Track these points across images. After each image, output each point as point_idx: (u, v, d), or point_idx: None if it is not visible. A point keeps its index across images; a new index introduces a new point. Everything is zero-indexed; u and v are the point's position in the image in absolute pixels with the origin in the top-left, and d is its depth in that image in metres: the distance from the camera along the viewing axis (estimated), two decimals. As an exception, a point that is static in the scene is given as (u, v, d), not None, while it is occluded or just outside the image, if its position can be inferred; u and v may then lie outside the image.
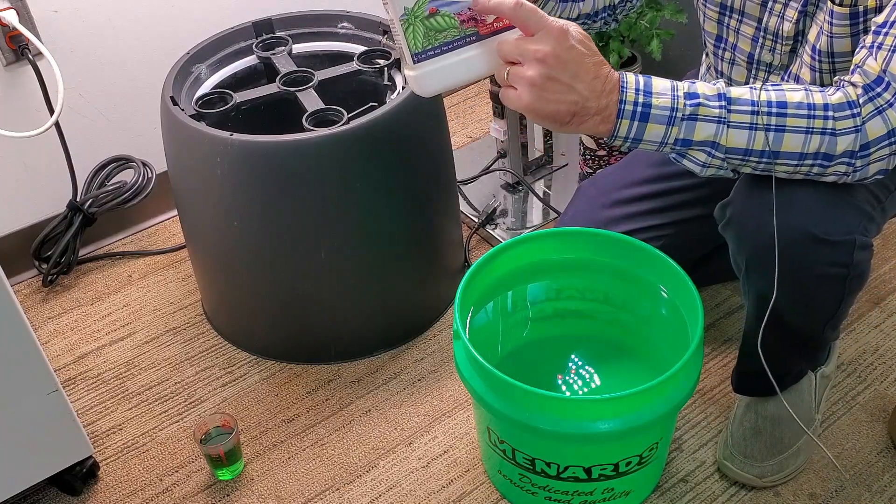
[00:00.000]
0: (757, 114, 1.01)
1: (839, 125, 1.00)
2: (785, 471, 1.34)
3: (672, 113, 1.00)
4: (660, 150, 1.03)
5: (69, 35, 1.69)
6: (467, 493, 1.38)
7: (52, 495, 1.41)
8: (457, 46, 1.00)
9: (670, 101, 1.00)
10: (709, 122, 1.01)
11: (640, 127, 1.00)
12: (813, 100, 1.01)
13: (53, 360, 1.64)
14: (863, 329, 1.58)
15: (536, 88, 0.96)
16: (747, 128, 1.01)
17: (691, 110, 1.00)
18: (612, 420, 1.14)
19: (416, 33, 0.99)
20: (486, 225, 1.85)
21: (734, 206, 1.14)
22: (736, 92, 1.02)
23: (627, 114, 1.00)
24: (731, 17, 1.25)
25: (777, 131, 1.01)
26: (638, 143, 1.02)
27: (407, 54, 1.00)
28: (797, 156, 1.02)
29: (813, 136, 1.01)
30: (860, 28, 1.07)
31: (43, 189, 1.78)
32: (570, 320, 1.44)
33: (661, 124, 1.00)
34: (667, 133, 1.01)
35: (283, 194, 1.42)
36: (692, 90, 1.01)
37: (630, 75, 1.01)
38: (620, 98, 0.99)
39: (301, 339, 1.60)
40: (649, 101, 1.00)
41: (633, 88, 1.00)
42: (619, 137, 1.01)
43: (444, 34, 0.99)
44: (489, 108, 1.99)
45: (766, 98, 1.01)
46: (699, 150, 1.02)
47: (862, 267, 1.13)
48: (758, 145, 1.01)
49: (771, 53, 1.21)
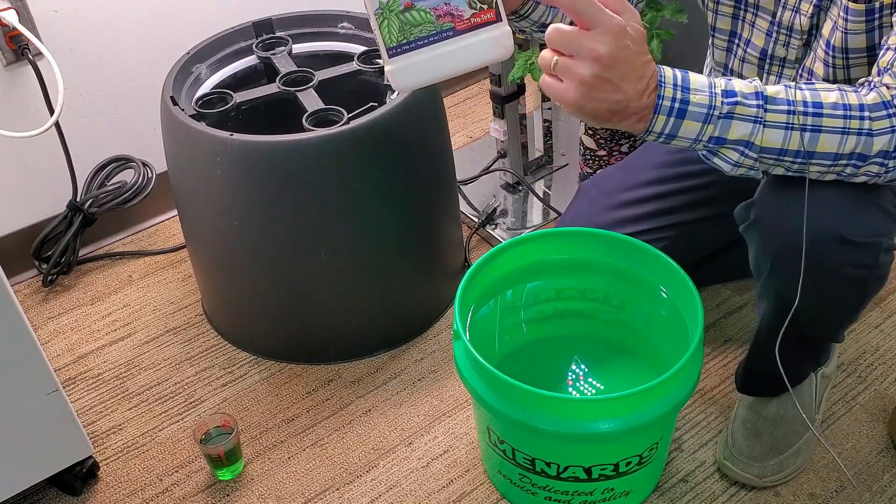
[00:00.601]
0: (793, 113, 0.99)
1: (875, 125, 0.99)
2: (785, 471, 1.34)
3: (709, 111, 0.98)
4: (691, 147, 1.02)
5: (69, 35, 1.69)
6: (467, 493, 1.38)
7: (52, 495, 1.41)
8: (432, 41, 0.99)
9: (708, 98, 0.98)
10: (745, 122, 0.99)
11: (675, 123, 0.99)
12: (848, 100, 1.00)
13: (53, 360, 1.64)
14: (863, 329, 1.58)
15: (585, 87, 0.93)
16: (783, 127, 0.99)
17: (728, 108, 0.98)
18: (612, 420, 1.14)
19: (392, 27, 0.98)
20: (486, 225, 1.85)
21: (760, 207, 1.13)
22: (772, 90, 1.00)
23: (665, 109, 0.98)
24: (746, 12, 1.24)
25: (813, 131, 0.99)
26: (672, 139, 1.00)
27: (382, 48, 0.99)
28: (832, 156, 1.01)
29: (849, 137, 0.99)
30: (875, 24, 1.07)
31: (43, 189, 1.78)
32: (570, 320, 1.44)
33: (697, 121, 0.99)
34: (702, 130, 0.99)
35: (282, 194, 1.42)
36: (730, 87, 0.99)
37: (668, 69, 0.99)
38: (658, 94, 0.97)
39: (301, 339, 1.60)
40: (687, 98, 0.98)
41: (671, 84, 0.98)
42: (653, 133, 0.99)
43: (420, 28, 0.99)
44: (489, 108, 1.99)
45: (801, 98, 1.00)
46: (732, 149, 1.01)
47: (884, 270, 1.12)
48: (793, 145, 1.00)
49: (785, 48, 1.21)
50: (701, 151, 1.03)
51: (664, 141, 1.01)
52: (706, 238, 1.46)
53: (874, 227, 1.08)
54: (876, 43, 1.09)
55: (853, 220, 1.07)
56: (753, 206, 1.14)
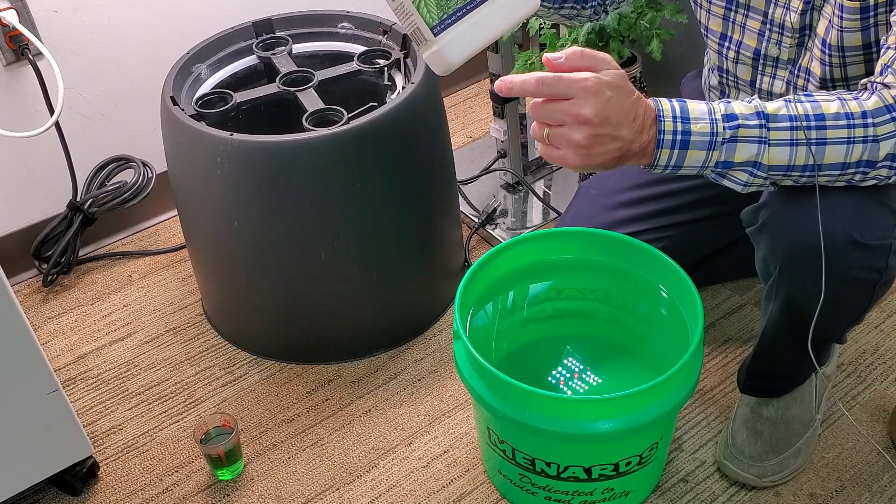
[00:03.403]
0: (797, 129, 0.99)
1: (880, 131, 0.98)
2: (785, 471, 1.34)
3: (712, 138, 0.98)
4: (699, 174, 1.02)
5: (69, 35, 1.69)
6: (467, 493, 1.38)
7: (52, 495, 1.41)
8: (470, 8, 1.02)
9: (709, 125, 0.98)
10: (750, 143, 0.99)
11: (680, 155, 0.99)
12: (850, 108, 0.99)
13: (53, 360, 1.64)
14: (863, 329, 1.58)
15: (584, 149, 0.95)
16: (788, 144, 0.99)
17: (731, 133, 0.98)
18: (612, 420, 1.14)
19: (429, 5, 1.00)
20: (486, 225, 1.85)
21: (770, 210, 1.12)
22: (772, 107, 1.00)
23: (667, 143, 0.98)
24: (736, 13, 1.24)
25: (819, 144, 0.99)
26: (678, 169, 1.00)
27: (425, 30, 1.01)
28: (840, 166, 1.01)
29: (855, 146, 0.99)
30: (870, 22, 1.07)
31: (43, 189, 1.78)
32: (570, 320, 1.44)
33: (701, 150, 0.99)
34: (707, 158, 0.99)
35: (282, 194, 1.42)
36: (729, 111, 0.99)
37: (664, 101, 0.99)
38: (659, 129, 0.98)
39: (301, 339, 1.60)
40: (688, 129, 0.98)
41: (671, 117, 0.98)
42: (658, 166, 1.00)
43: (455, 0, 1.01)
44: (489, 108, 1.99)
45: (802, 111, 0.99)
46: (740, 171, 1.01)
47: (893, 273, 1.12)
48: (800, 160, 1.00)
49: (777, 47, 1.21)
50: (709, 176, 1.03)
51: (671, 172, 1.01)
52: (706, 238, 1.46)
53: (885, 230, 1.08)
54: (872, 41, 1.09)
55: (864, 222, 1.07)
56: (763, 208, 1.13)
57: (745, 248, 1.22)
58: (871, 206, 1.07)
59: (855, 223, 1.06)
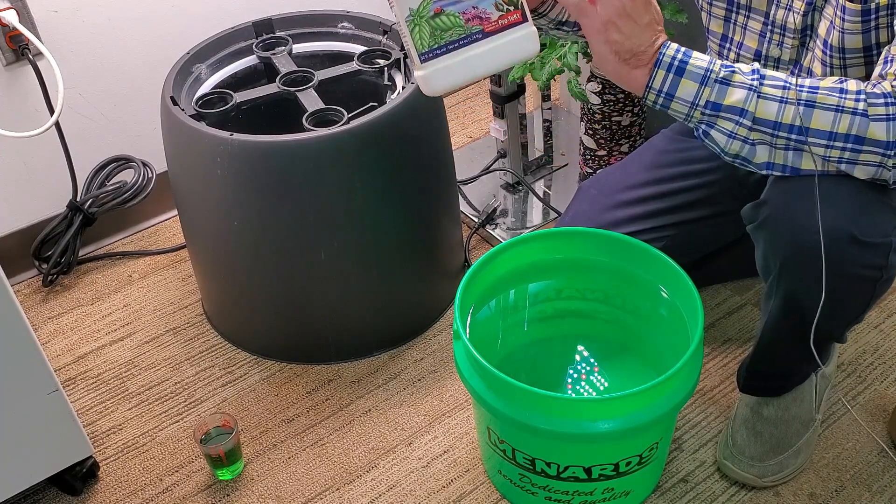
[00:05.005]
0: (788, 88, 1.04)
1: (872, 110, 1.01)
2: (785, 471, 1.34)
3: (706, 73, 1.04)
4: (689, 119, 1.07)
5: (69, 35, 1.69)
6: (467, 493, 1.38)
7: (52, 495, 1.41)
8: (463, 45, 1.02)
9: (706, 63, 1.05)
10: (740, 88, 1.04)
11: (673, 81, 1.05)
12: (846, 85, 1.03)
13: (53, 360, 1.65)
14: (863, 329, 1.58)
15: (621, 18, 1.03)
16: (777, 101, 1.03)
17: (725, 74, 1.04)
18: (612, 420, 1.14)
19: (423, 33, 1.00)
20: (486, 225, 1.85)
21: (770, 207, 1.13)
22: (770, 72, 1.05)
23: (664, 65, 1.05)
24: (738, 14, 1.24)
25: (807, 106, 1.03)
26: (670, 99, 1.06)
27: (414, 54, 1.01)
28: (827, 135, 1.03)
29: (843, 115, 1.02)
30: (871, 26, 1.08)
31: (43, 189, 1.79)
32: (570, 320, 1.44)
33: (694, 81, 1.04)
34: (699, 93, 1.05)
35: (283, 194, 1.42)
36: (728, 63, 1.06)
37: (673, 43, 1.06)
38: (660, 52, 1.05)
39: (301, 339, 1.60)
40: (686, 59, 1.05)
41: (675, 47, 1.06)
42: (652, 90, 1.06)
43: (450, 33, 1.01)
44: (489, 108, 1.99)
45: (799, 81, 1.04)
46: (727, 119, 1.05)
47: (893, 271, 1.12)
48: (787, 118, 1.03)
49: (779, 48, 1.21)
50: (700, 126, 1.06)
51: (662, 103, 1.06)
52: (706, 237, 1.46)
53: (885, 227, 1.09)
54: (873, 44, 1.10)
55: (865, 220, 1.07)
56: (763, 205, 1.14)
57: (746, 247, 1.22)
58: (872, 204, 1.08)
59: (856, 221, 1.06)
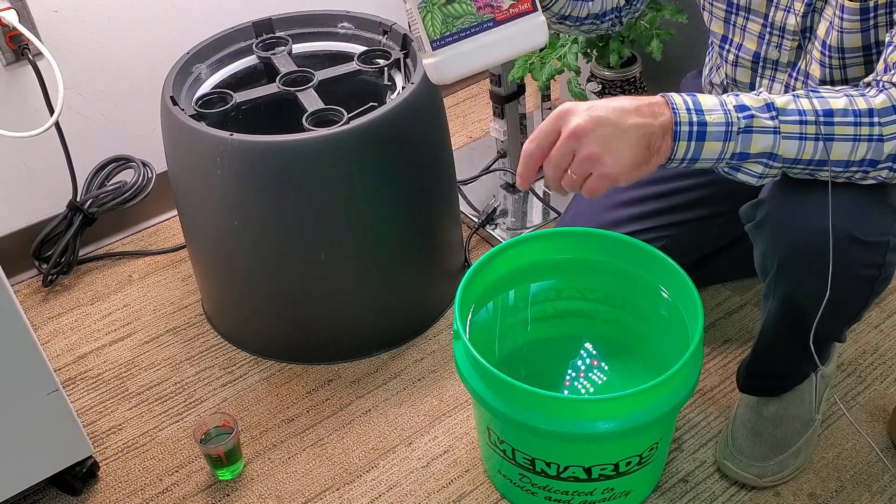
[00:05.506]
0: (805, 123, 0.99)
1: (886, 130, 0.99)
2: (785, 471, 1.34)
3: (728, 128, 0.98)
4: (714, 167, 1.02)
5: (69, 35, 1.69)
6: (467, 493, 1.38)
7: (52, 495, 1.41)
8: (474, 32, 1.03)
9: (723, 115, 0.98)
10: (765, 134, 0.99)
11: (697, 147, 0.99)
12: (857, 105, 0.99)
13: (53, 360, 1.64)
14: (863, 329, 1.58)
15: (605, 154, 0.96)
16: (797, 138, 0.99)
17: (746, 123, 0.99)
18: (612, 420, 1.14)
19: (435, 20, 1.01)
20: (486, 225, 1.85)
21: (769, 206, 1.12)
22: (780, 101, 1.00)
23: (684, 135, 0.98)
24: (737, 16, 1.24)
25: (826, 140, 0.99)
26: (695, 162, 1.00)
27: (425, 41, 1.01)
28: (844, 163, 1.01)
29: (860, 144, 0.99)
30: (870, 24, 1.07)
31: (43, 189, 1.78)
32: (570, 320, 1.44)
33: (717, 141, 0.99)
34: (724, 149, 0.99)
35: (283, 194, 1.42)
36: (740, 102, 1.00)
37: (675, 95, 1.00)
38: (674, 120, 0.98)
39: (301, 339, 1.60)
40: (703, 119, 0.98)
41: (685, 108, 0.98)
42: (675, 160, 1.00)
43: (462, 20, 1.01)
44: (489, 108, 1.99)
45: (810, 107, 1.00)
46: (755, 163, 1.01)
47: (891, 269, 1.12)
48: (807, 155, 1.00)
49: (777, 50, 1.21)
50: (724, 169, 1.03)
51: (687, 166, 1.01)
52: (706, 237, 1.46)
53: (884, 226, 1.09)
54: (872, 42, 1.10)
55: (864, 219, 1.07)
56: (761, 205, 1.14)
57: (745, 247, 1.22)
58: (871, 202, 1.08)
59: (854, 220, 1.06)
